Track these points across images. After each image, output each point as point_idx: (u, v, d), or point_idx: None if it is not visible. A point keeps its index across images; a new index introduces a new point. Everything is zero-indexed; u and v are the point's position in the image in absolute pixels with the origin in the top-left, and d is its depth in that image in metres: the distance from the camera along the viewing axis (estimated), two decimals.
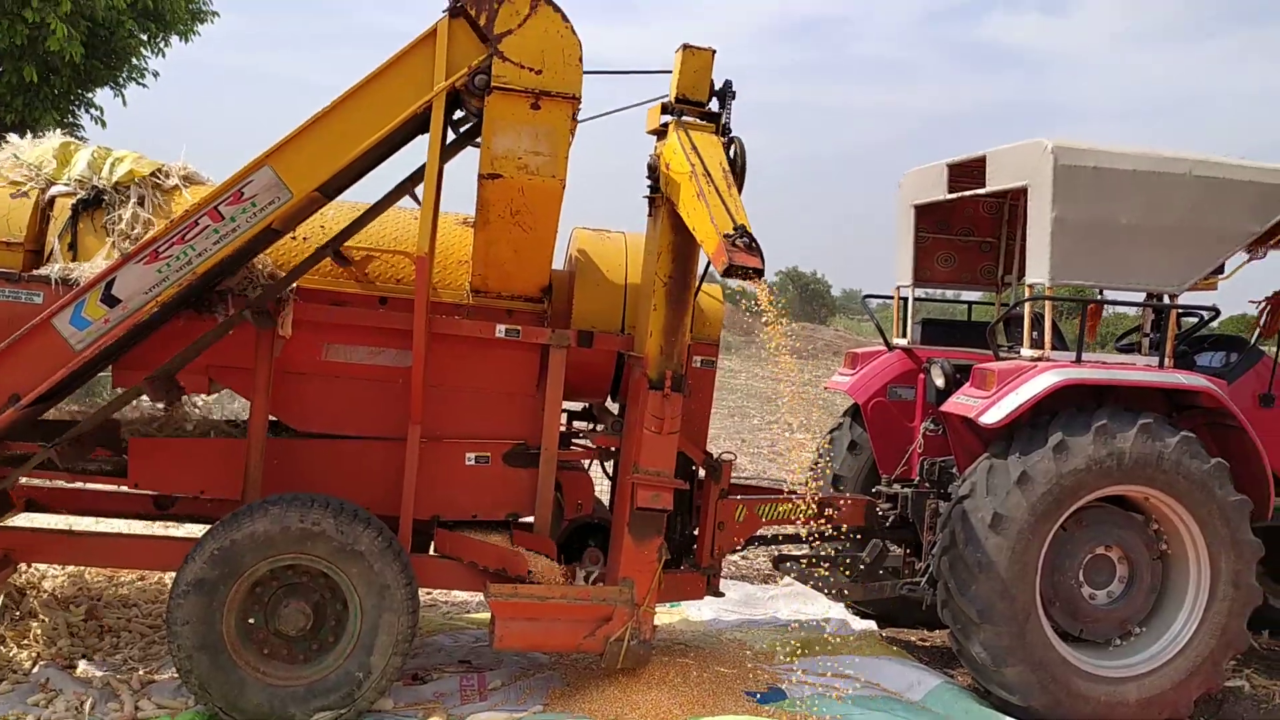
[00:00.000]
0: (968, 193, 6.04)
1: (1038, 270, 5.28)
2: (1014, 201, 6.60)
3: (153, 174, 4.79)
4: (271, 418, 4.79)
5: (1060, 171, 5.16)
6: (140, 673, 4.70)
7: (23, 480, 4.80)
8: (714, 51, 4.58)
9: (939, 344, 6.47)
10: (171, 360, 4.49)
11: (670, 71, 4.66)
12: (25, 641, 4.94)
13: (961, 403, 5.35)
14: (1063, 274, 5.24)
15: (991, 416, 5.09)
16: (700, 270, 4.76)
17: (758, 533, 5.64)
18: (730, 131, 4.66)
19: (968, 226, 6.75)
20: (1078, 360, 5.25)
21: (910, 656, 5.86)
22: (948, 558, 5.16)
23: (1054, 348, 5.40)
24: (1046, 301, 5.37)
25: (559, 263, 5.12)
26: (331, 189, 4.53)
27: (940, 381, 5.87)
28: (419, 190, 4.58)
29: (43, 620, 5.10)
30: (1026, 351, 5.37)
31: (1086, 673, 5.15)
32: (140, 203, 4.69)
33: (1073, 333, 5.81)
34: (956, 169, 6.08)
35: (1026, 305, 5.44)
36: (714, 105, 4.68)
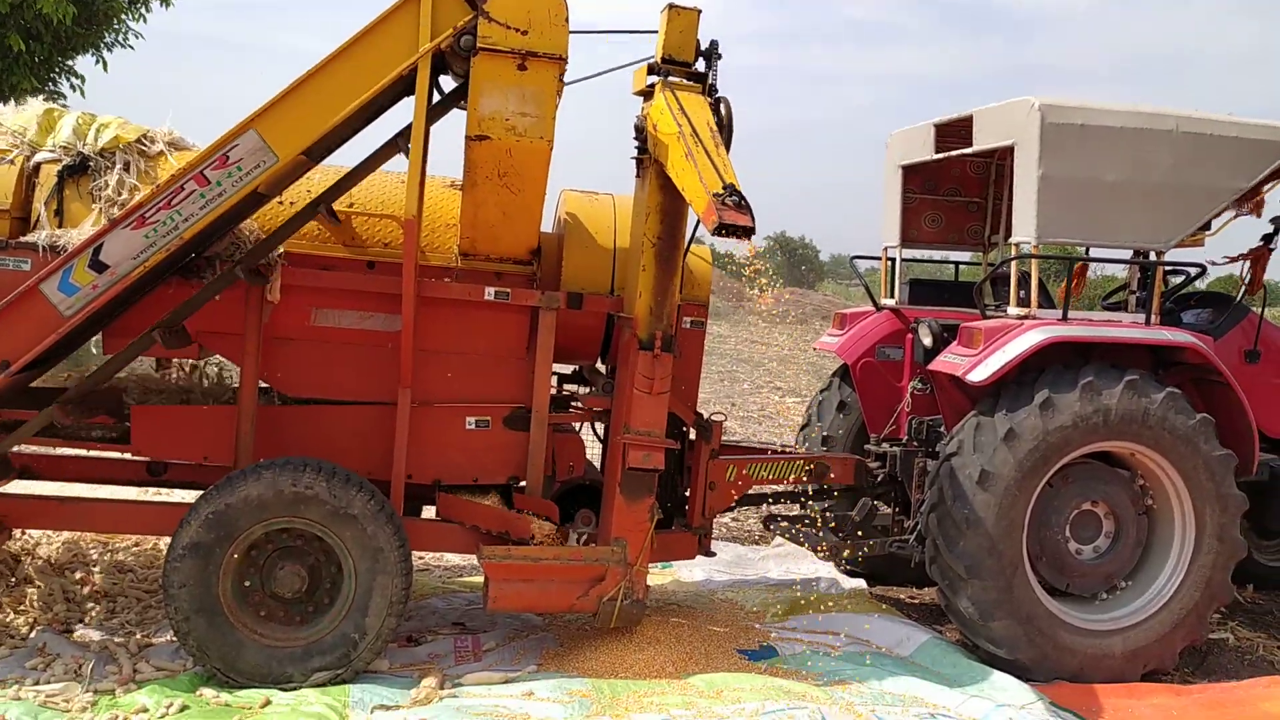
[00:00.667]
0: (955, 153, 6.03)
1: (1024, 229, 5.30)
2: (1001, 161, 6.60)
3: (138, 140, 4.77)
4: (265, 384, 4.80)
5: (1047, 129, 5.16)
6: (138, 636, 4.74)
7: (17, 448, 4.80)
8: (699, 11, 4.55)
9: (926, 304, 6.51)
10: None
11: (656, 32, 4.64)
12: (22, 607, 4.96)
13: (949, 361, 5.38)
14: (1049, 232, 5.26)
15: (979, 374, 5.12)
16: (689, 230, 4.77)
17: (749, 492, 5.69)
18: (717, 92, 4.66)
19: (955, 186, 6.75)
20: (1064, 318, 5.28)
21: (899, 613, 5.92)
22: (936, 515, 5.21)
23: (1040, 306, 5.43)
24: (1033, 260, 5.39)
25: (548, 225, 5.12)
26: (318, 152, 4.51)
27: (928, 341, 5.89)
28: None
29: (39, 586, 5.13)
30: (1013, 310, 5.40)
31: (1073, 626, 5.21)
32: (126, 168, 4.68)
33: (1059, 293, 5.84)
34: (943, 129, 6.07)
35: (1013, 264, 5.46)
36: (700, 65, 4.66)
